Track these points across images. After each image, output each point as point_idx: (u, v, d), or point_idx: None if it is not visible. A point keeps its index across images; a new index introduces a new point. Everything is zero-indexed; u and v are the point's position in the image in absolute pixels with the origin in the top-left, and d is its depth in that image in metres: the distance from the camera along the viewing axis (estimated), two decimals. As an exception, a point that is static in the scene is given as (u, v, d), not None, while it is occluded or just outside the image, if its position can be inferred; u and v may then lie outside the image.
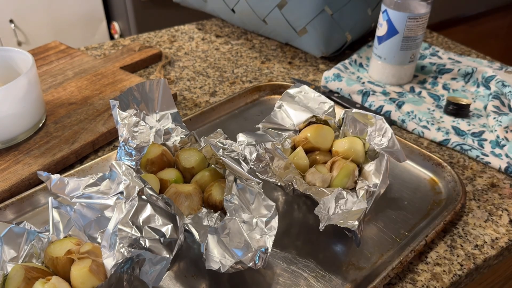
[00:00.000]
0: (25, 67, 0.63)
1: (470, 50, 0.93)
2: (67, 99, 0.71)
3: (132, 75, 0.77)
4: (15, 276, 0.39)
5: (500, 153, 0.62)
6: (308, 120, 0.58)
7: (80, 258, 0.40)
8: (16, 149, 0.60)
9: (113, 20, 1.90)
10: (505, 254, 0.52)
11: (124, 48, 0.87)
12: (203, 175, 0.52)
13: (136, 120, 0.55)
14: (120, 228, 0.38)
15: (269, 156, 0.51)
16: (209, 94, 0.76)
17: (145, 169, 0.54)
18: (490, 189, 0.58)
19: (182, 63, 0.87)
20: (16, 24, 1.69)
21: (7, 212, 0.52)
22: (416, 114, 0.69)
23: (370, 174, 0.52)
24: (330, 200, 0.49)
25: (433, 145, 0.66)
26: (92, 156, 0.63)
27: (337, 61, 0.87)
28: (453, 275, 0.47)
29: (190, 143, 0.58)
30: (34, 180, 0.57)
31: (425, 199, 0.56)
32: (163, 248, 0.38)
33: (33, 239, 0.44)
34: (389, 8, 0.71)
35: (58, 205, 0.46)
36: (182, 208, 0.48)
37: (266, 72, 0.83)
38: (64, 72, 0.78)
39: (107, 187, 0.44)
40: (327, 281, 0.46)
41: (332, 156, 0.55)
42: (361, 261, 0.48)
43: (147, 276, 0.39)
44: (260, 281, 0.46)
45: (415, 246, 0.48)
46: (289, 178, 0.50)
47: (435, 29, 1.12)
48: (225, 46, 0.93)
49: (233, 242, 0.43)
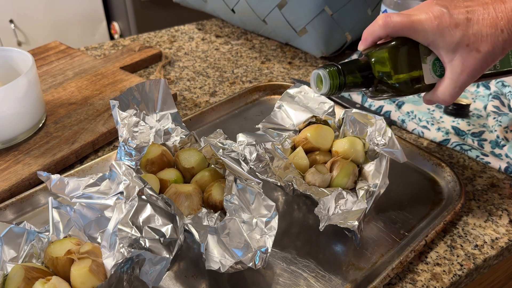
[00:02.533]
0: (25, 67, 0.63)
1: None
2: (67, 99, 0.71)
3: (132, 75, 0.77)
4: (15, 276, 0.39)
5: (500, 153, 0.62)
6: (308, 120, 0.58)
7: (80, 258, 0.40)
8: (16, 149, 0.60)
9: (113, 20, 1.90)
10: (505, 254, 0.52)
11: (124, 48, 0.87)
12: (203, 175, 0.52)
13: (136, 120, 0.55)
14: (120, 228, 0.38)
15: (269, 156, 0.51)
16: (209, 94, 0.77)
17: (145, 169, 0.54)
18: (490, 189, 0.58)
19: (182, 63, 0.87)
20: (16, 24, 1.69)
21: (7, 212, 0.52)
22: (416, 114, 0.69)
23: (370, 174, 0.52)
24: (330, 200, 0.49)
25: (433, 145, 0.66)
26: (92, 156, 0.63)
27: (337, 61, 0.87)
28: (453, 275, 0.47)
29: (190, 143, 0.58)
30: (34, 180, 0.57)
31: (425, 199, 0.56)
32: (163, 248, 0.38)
33: (33, 239, 0.44)
34: (389, 8, 0.71)
35: (58, 205, 0.46)
36: (182, 208, 0.48)
37: (266, 72, 0.83)
38: (64, 72, 0.78)
39: (107, 187, 0.44)
40: (327, 281, 0.46)
41: (332, 156, 0.55)
42: (361, 261, 0.48)
43: (147, 276, 0.39)
44: (260, 281, 0.46)
45: (415, 246, 0.48)
46: (289, 178, 0.50)
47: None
48: (225, 46, 0.93)
49: (233, 242, 0.43)
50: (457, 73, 0.46)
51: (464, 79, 0.46)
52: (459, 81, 0.46)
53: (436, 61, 0.48)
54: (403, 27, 0.46)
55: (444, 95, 0.48)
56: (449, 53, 0.46)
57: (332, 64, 0.48)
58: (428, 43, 0.46)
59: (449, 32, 0.45)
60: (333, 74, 0.47)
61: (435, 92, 0.49)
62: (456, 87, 0.47)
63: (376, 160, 0.52)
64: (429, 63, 0.48)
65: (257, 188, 0.47)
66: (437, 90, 0.48)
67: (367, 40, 0.49)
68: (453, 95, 0.47)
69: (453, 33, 0.44)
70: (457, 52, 0.45)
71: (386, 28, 0.47)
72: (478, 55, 0.45)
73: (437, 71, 0.48)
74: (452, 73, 0.46)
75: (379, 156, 0.52)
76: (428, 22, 0.45)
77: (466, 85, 0.47)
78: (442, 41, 0.45)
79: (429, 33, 0.45)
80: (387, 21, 0.46)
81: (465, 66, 0.45)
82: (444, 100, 0.48)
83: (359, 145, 0.54)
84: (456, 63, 0.46)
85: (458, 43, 0.45)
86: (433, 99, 0.50)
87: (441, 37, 0.45)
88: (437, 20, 0.45)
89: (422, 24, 0.45)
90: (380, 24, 0.47)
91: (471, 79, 0.46)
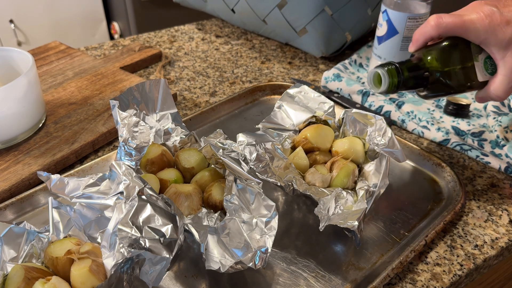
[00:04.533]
0: (25, 67, 0.63)
1: (470, 50, 0.93)
2: (67, 99, 0.71)
3: (132, 75, 0.77)
4: (15, 276, 0.39)
5: (500, 153, 0.62)
6: (308, 120, 0.58)
7: (80, 258, 0.40)
8: (16, 149, 0.60)
9: (113, 20, 1.90)
10: (505, 254, 0.52)
11: (124, 48, 0.87)
12: (203, 175, 0.52)
13: (136, 120, 0.55)
14: (120, 228, 0.38)
15: (269, 156, 0.51)
16: (209, 94, 0.77)
17: (145, 169, 0.54)
18: (490, 189, 0.58)
19: (182, 63, 0.87)
20: (16, 24, 1.69)
21: (7, 212, 0.52)
22: (416, 114, 0.69)
23: (370, 174, 0.52)
24: (330, 200, 0.49)
25: (433, 145, 0.66)
26: (92, 156, 0.63)
27: (337, 61, 0.87)
28: (453, 275, 0.47)
29: (190, 143, 0.58)
30: (34, 180, 0.57)
31: (425, 199, 0.56)
32: (163, 248, 0.38)
33: (33, 239, 0.44)
34: (389, 8, 0.71)
35: (58, 205, 0.46)
36: (182, 208, 0.48)
37: (266, 72, 0.83)
38: (64, 72, 0.78)
39: (107, 187, 0.44)
40: (327, 281, 0.46)
41: (332, 156, 0.55)
42: (361, 261, 0.48)
43: (147, 276, 0.39)
44: (260, 281, 0.46)
45: (415, 246, 0.48)
46: (289, 178, 0.50)
47: (435, 29, 1.12)
48: (225, 46, 0.93)
49: (233, 242, 0.43)
50: (510, 68, 0.47)
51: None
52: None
53: (487, 59, 0.50)
54: (455, 27, 0.47)
55: (498, 91, 0.49)
56: (501, 50, 0.47)
57: (389, 63, 0.50)
58: (480, 42, 0.48)
59: (500, 30, 0.46)
60: (392, 72, 0.49)
61: (488, 89, 0.50)
62: (509, 82, 0.48)
63: (376, 160, 0.52)
64: (481, 61, 0.49)
65: (257, 188, 0.47)
66: (490, 87, 0.49)
67: (418, 40, 0.51)
68: (507, 90, 0.49)
69: (505, 30, 0.46)
70: (509, 49, 0.47)
71: (439, 29, 0.48)
72: None
73: (489, 69, 0.50)
74: (505, 69, 0.47)
75: (379, 156, 0.52)
76: (479, 21, 0.46)
77: None
78: (494, 38, 0.46)
79: (481, 32, 0.47)
80: (439, 22, 0.48)
81: None
82: (498, 96, 0.49)
83: (359, 145, 0.54)
84: (508, 60, 0.47)
85: (510, 40, 0.46)
86: (487, 96, 0.51)
87: (492, 35, 0.46)
88: (488, 19, 0.46)
89: (474, 23, 0.47)
90: (432, 24, 0.49)
91: None
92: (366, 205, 0.48)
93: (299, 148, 0.55)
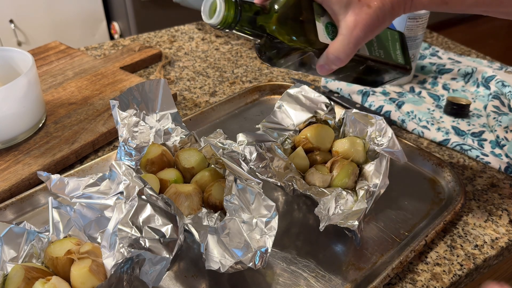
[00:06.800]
0: (25, 67, 0.63)
1: (470, 50, 0.93)
2: (67, 99, 0.71)
3: (132, 75, 0.77)
4: (15, 276, 0.39)
5: (500, 153, 0.62)
6: (308, 120, 0.58)
7: (80, 258, 0.40)
8: (16, 149, 0.60)
9: (113, 20, 1.90)
10: (505, 254, 0.52)
11: (124, 48, 0.87)
12: (203, 175, 0.52)
13: (136, 120, 0.55)
14: (120, 228, 0.38)
15: (269, 156, 0.51)
16: (209, 94, 0.77)
17: (145, 169, 0.54)
18: (490, 189, 0.58)
19: (182, 63, 0.87)
20: (16, 24, 1.69)
21: (7, 212, 0.52)
22: (416, 114, 0.69)
23: (370, 174, 0.52)
24: (330, 200, 0.49)
25: (433, 145, 0.66)
26: (92, 156, 0.63)
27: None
28: (453, 275, 0.47)
29: (190, 143, 0.58)
30: (34, 180, 0.57)
31: (425, 199, 0.56)
32: (163, 248, 0.38)
33: (33, 239, 0.44)
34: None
35: (58, 205, 0.46)
36: (182, 208, 0.48)
37: (266, 72, 0.83)
38: (64, 72, 0.78)
39: (107, 187, 0.44)
40: (327, 281, 0.46)
41: (332, 156, 0.55)
42: (361, 261, 0.48)
43: (147, 276, 0.39)
44: (260, 281, 0.46)
45: (415, 246, 0.48)
46: (289, 178, 0.50)
47: (435, 29, 1.12)
48: (225, 46, 0.93)
49: (233, 242, 0.43)
50: (351, 28, 0.45)
51: (357, 35, 0.45)
52: (352, 36, 0.45)
53: (329, 24, 0.48)
54: None
55: (338, 51, 0.46)
56: (342, 9, 0.46)
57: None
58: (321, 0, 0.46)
59: None
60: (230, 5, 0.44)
61: (328, 51, 0.47)
62: (349, 42, 0.46)
63: (376, 160, 0.52)
64: (323, 23, 0.47)
65: (257, 188, 0.47)
66: (329, 48, 0.47)
67: None
68: (347, 51, 0.46)
69: None
70: (350, 8, 0.45)
71: None
72: (370, 10, 0.45)
73: (330, 33, 0.47)
74: (345, 29, 0.46)
75: (379, 156, 0.52)
76: None
77: (359, 42, 0.46)
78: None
79: None
80: None
81: (358, 21, 0.45)
82: (338, 57, 0.47)
83: (359, 145, 0.54)
84: (349, 19, 0.45)
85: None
86: (327, 61, 0.48)
87: None
88: None
89: None
90: None
91: (364, 35, 0.46)
92: (366, 205, 0.48)
93: (299, 148, 0.55)
